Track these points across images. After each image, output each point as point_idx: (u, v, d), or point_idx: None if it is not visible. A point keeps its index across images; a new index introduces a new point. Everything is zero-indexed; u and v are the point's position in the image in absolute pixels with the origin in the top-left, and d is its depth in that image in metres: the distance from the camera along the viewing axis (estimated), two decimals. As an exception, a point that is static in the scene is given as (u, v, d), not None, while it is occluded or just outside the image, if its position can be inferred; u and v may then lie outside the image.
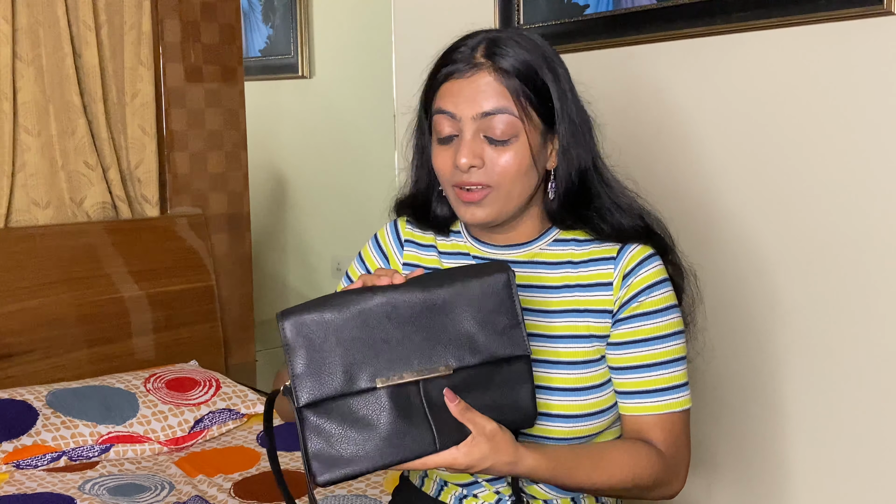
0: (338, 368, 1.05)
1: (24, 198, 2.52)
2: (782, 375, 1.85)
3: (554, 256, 1.28)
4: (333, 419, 1.06)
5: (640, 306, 1.23)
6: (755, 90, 1.83)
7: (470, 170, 1.19)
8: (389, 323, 1.07)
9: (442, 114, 1.21)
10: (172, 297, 2.68)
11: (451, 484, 1.29)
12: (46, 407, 2.14)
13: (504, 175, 1.20)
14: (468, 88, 1.20)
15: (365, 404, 1.06)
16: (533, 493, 1.26)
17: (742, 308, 1.89)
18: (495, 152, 1.19)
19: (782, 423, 1.86)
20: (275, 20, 4.24)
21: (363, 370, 1.06)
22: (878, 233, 1.68)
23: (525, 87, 1.19)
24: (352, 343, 1.06)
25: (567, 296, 1.26)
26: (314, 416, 1.06)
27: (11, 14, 2.44)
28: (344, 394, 1.05)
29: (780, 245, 1.82)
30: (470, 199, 1.21)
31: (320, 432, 1.05)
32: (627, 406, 1.24)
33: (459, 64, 1.21)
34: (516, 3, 2.20)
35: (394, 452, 1.06)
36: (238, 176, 2.97)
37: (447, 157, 1.22)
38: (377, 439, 1.05)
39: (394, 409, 1.06)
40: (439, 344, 1.08)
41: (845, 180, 1.72)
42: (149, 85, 2.71)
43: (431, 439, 1.06)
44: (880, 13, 1.62)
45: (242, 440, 2.22)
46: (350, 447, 1.05)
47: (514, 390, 1.13)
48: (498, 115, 1.18)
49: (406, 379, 1.06)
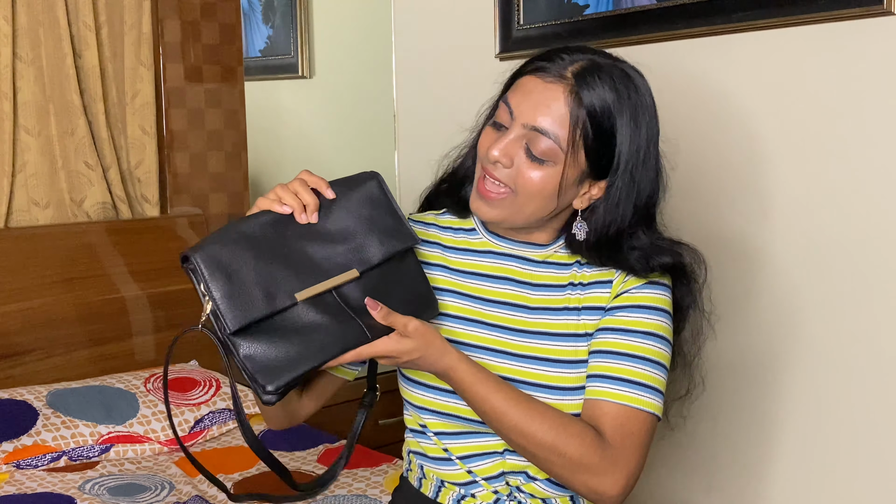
0: (256, 290, 1.09)
1: (24, 198, 2.52)
2: (781, 378, 1.85)
3: (566, 258, 1.29)
4: (262, 339, 1.10)
5: (631, 297, 1.23)
6: (755, 90, 1.83)
7: (496, 164, 1.20)
8: (287, 239, 1.13)
9: (505, 104, 1.21)
10: (172, 297, 2.68)
11: (449, 484, 1.29)
12: (46, 407, 2.14)
13: (524, 187, 1.19)
14: (539, 93, 1.18)
15: (290, 319, 1.11)
16: (531, 492, 1.26)
17: (741, 308, 1.89)
18: (527, 163, 1.19)
19: (780, 426, 1.86)
20: (275, 20, 4.24)
21: (279, 288, 1.11)
22: (879, 233, 1.68)
23: (590, 124, 1.17)
24: (260, 264, 1.11)
25: (570, 294, 1.26)
26: (244, 341, 1.10)
27: (11, 14, 2.44)
28: (268, 314, 1.10)
29: (781, 245, 1.82)
30: (486, 193, 1.21)
31: (254, 353, 1.10)
32: (592, 389, 1.20)
33: (551, 65, 1.19)
34: (516, 4, 2.20)
35: (332, 345, 1.11)
36: (238, 176, 2.97)
37: (490, 139, 1.22)
38: (311, 341, 1.10)
39: (319, 314, 1.11)
40: (338, 253, 1.14)
41: (845, 180, 1.72)
42: (149, 85, 2.71)
43: (362, 331, 1.12)
44: (880, 13, 1.62)
45: (242, 440, 2.22)
46: (288, 354, 1.09)
47: (415, 282, 1.20)
48: (545, 136, 1.17)
49: (321, 289, 1.12)
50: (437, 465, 1.30)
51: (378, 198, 1.20)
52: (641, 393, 1.18)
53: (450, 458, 1.29)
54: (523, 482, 1.26)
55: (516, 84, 1.23)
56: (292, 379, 1.09)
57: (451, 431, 1.27)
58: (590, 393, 1.21)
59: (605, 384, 1.19)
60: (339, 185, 1.19)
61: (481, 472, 1.27)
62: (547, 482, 1.26)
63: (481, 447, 1.27)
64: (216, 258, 1.09)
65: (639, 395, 1.18)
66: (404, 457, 1.39)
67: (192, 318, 2.72)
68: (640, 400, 1.18)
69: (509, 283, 1.28)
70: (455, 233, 1.34)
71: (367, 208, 1.18)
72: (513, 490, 1.26)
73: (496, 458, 1.26)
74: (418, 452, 1.32)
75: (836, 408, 1.77)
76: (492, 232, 1.31)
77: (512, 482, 1.26)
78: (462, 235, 1.33)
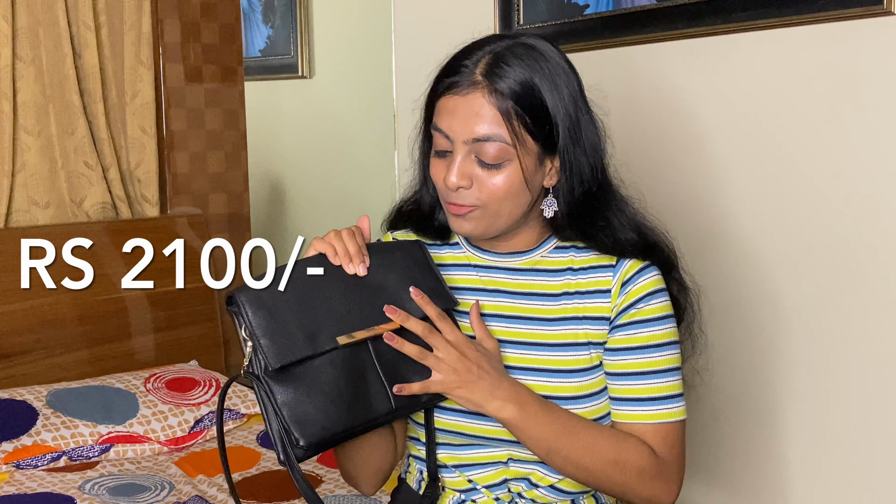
0: (297, 331, 1.11)
1: (24, 198, 2.52)
2: (781, 378, 1.85)
3: (555, 264, 1.28)
4: (299, 385, 1.11)
5: (637, 313, 1.23)
6: (755, 90, 1.83)
7: (458, 189, 1.19)
8: (332, 287, 1.15)
9: (437, 131, 1.21)
10: (172, 297, 2.68)
11: (449, 489, 1.28)
12: (46, 407, 2.14)
13: (492, 196, 1.19)
14: (463, 108, 1.18)
15: (325, 367, 1.12)
16: (533, 498, 1.26)
17: (742, 310, 1.89)
18: (485, 173, 1.19)
19: (782, 427, 1.86)
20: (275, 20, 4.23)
21: (321, 331, 1.12)
22: (879, 234, 1.68)
23: (520, 108, 1.17)
24: (304, 307, 1.13)
25: (567, 303, 1.25)
26: (280, 384, 1.10)
27: (11, 14, 2.44)
28: (308, 356, 1.11)
29: (781, 246, 1.82)
30: (457, 211, 1.22)
31: (289, 399, 1.10)
32: (622, 413, 1.23)
33: (459, 78, 1.19)
34: (516, 4, 2.19)
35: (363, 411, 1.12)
36: (238, 176, 2.97)
37: (441, 170, 1.22)
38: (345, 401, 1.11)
39: (351, 369, 1.13)
40: (379, 305, 1.16)
41: (845, 181, 1.72)
42: (149, 85, 2.71)
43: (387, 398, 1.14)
44: (880, 13, 1.62)
45: (242, 440, 2.22)
46: (322, 413, 1.10)
47: None
48: (489, 142, 1.17)
49: (362, 336, 1.13)
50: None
51: (421, 260, 1.23)
52: (670, 405, 1.22)
53: (450, 467, 1.28)
54: (525, 489, 1.26)
55: (437, 108, 1.22)
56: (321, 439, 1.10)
57: (454, 444, 1.27)
58: (622, 417, 1.23)
59: (635, 407, 1.22)
60: (381, 245, 1.24)
61: (482, 480, 1.26)
62: (549, 489, 1.25)
63: (484, 458, 1.26)
64: (259, 297, 1.12)
65: (669, 409, 1.22)
66: (403, 459, 1.38)
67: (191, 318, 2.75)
68: (671, 413, 1.22)
69: (500, 295, 1.28)
70: (440, 248, 1.34)
71: (409, 268, 1.21)
72: (514, 497, 1.26)
73: (499, 467, 1.26)
74: (418, 457, 1.32)
75: (836, 411, 1.77)
76: (475, 245, 1.31)
77: (514, 489, 1.26)
78: (447, 250, 1.33)
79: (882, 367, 1.70)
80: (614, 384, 1.24)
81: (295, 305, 1.12)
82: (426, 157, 1.29)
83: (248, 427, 2.30)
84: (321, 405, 1.10)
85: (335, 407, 1.11)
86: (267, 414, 1.12)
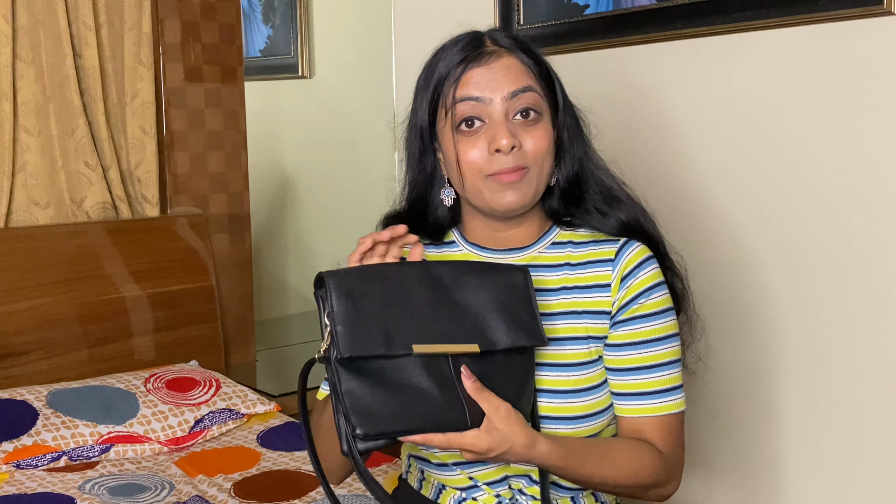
0: (377, 329, 1.08)
1: (24, 198, 2.52)
2: (779, 376, 1.85)
3: (552, 259, 1.28)
4: (367, 381, 1.07)
5: (639, 308, 1.23)
6: (755, 90, 1.83)
7: (511, 151, 1.19)
8: (423, 291, 1.11)
9: (467, 101, 1.20)
10: (172, 297, 2.68)
11: (450, 488, 1.29)
12: (46, 407, 2.14)
13: (537, 154, 1.21)
14: (490, 73, 1.20)
15: (398, 368, 1.08)
16: (534, 494, 1.26)
17: (738, 308, 1.89)
18: (526, 132, 1.20)
19: (780, 425, 1.86)
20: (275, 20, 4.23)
21: (399, 334, 1.08)
22: (877, 234, 1.68)
23: (540, 69, 1.23)
24: (388, 306, 1.09)
25: (565, 297, 1.26)
26: (349, 375, 1.07)
27: (11, 14, 2.44)
28: (380, 355, 1.07)
29: (781, 246, 1.82)
30: (510, 178, 1.20)
31: (355, 390, 1.06)
32: (625, 407, 1.25)
33: (482, 49, 1.22)
34: (516, 3, 2.20)
35: (429, 416, 1.07)
36: (238, 176, 2.97)
37: (477, 145, 1.20)
38: (411, 404, 1.07)
39: (428, 378, 1.08)
40: (465, 324, 1.11)
41: (844, 181, 1.72)
42: (149, 85, 2.71)
43: (463, 413, 1.08)
44: (880, 13, 1.62)
45: (243, 440, 2.22)
46: (385, 407, 1.06)
47: (524, 383, 1.16)
48: (527, 92, 1.21)
49: (438, 350, 1.09)
50: (437, 471, 1.29)
51: (521, 289, 1.17)
52: (672, 397, 1.24)
53: (451, 465, 1.28)
54: (526, 485, 1.26)
55: (462, 82, 1.21)
56: (380, 433, 1.06)
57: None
58: (627, 411, 1.24)
59: (640, 401, 1.23)
60: (483, 265, 1.18)
61: (483, 477, 1.26)
62: (550, 485, 1.26)
63: None
64: (348, 285, 1.09)
65: (671, 401, 1.24)
66: (403, 459, 1.38)
67: (191, 318, 2.75)
68: (673, 405, 1.24)
69: None
70: (437, 248, 1.34)
71: (506, 294, 1.15)
72: (515, 493, 1.26)
73: (500, 464, 1.26)
74: (418, 457, 1.32)
75: (834, 408, 1.77)
76: (472, 243, 1.31)
77: (515, 486, 1.26)
78: (444, 249, 1.33)
79: (878, 363, 1.70)
80: (618, 379, 1.24)
81: (380, 302, 1.09)
82: (418, 161, 1.30)
83: (249, 427, 2.30)
84: (383, 400, 1.06)
85: (399, 404, 1.06)
86: (335, 401, 1.09)
